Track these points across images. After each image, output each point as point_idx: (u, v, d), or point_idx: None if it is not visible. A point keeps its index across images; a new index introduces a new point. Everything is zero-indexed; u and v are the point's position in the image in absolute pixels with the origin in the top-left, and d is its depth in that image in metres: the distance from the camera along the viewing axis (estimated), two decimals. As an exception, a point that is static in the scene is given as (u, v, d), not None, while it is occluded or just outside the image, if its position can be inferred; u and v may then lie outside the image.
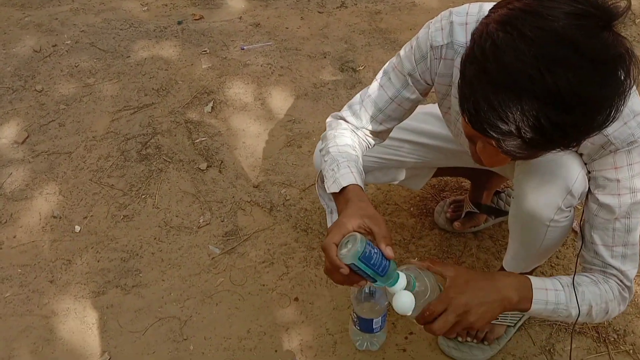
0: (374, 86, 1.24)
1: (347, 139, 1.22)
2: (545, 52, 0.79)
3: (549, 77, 0.78)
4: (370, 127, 1.25)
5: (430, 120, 1.45)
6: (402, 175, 1.55)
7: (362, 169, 1.17)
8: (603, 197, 1.10)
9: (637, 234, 1.13)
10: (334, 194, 1.12)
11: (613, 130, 1.01)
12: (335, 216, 1.23)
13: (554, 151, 0.90)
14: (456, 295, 1.04)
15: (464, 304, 1.03)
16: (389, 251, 0.99)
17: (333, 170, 1.13)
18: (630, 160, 1.05)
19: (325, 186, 1.14)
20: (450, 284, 1.06)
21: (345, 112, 1.26)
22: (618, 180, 1.07)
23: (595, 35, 0.79)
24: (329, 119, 1.30)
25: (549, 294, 1.10)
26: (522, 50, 0.79)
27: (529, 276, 1.13)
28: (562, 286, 1.11)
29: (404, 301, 0.98)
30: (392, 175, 1.54)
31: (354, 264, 0.95)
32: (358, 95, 1.26)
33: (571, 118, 0.81)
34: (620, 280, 1.15)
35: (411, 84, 1.19)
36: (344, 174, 1.11)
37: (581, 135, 0.87)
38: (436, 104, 1.31)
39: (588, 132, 0.86)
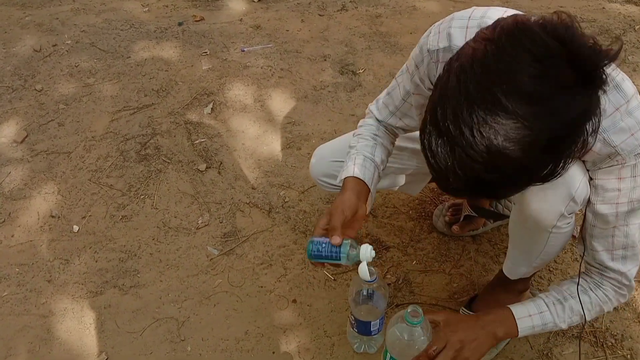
0: (393, 83, 1.29)
1: (369, 128, 1.32)
2: (480, 116, 0.79)
3: (480, 139, 0.79)
4: (390, 122, 1.32)
5: None
6: (401, 181, 1.55)
7: (372, 154, 1.26)
8: (600, 207, 1.11)
9: (636, 236, 1.14)
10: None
11: (620, 141, 1.01)
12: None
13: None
14: (452, 333, 1.19)
15: (459, 340, 1.18)
16: (332, 240, 1.12)
17: (345, 162, 1.27)
18: (636, 173, 1.05)
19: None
20: (444, 325, 1.22)
21: (372, 106, 1.35)
22: (619, 190, 1.07)
23: (542, 102, 0.78)
24: (367, 111, 1.39)
25: (534, 319, 1.20)
26: (462, 108, 0.80)
27: (511, 306, 1.22)
28: (547, 306, 1.20)
29: (364, 270, 1.14)
30: (391, 180, 1.55)
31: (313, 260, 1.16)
32: (385, 89, 1.33)
33: (495, 177, 0.82)
34: (618, 282, 1.18)
35: (412, 88, 1.21)
36: (346, 168, 1.25)
37: (506, 193, 0.91)
38: None
39: (514, 191, 0.89)
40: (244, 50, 2.49)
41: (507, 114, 0.78)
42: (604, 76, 0.81)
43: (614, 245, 1.14)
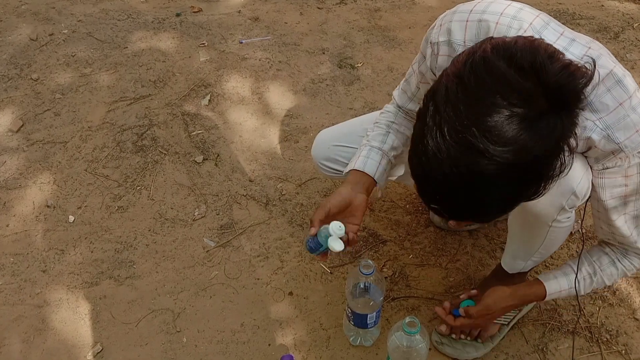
0: (410, 69, 1.30)
1: (387, 115, 1.35)
2: (453, 155, 0.83)
3: (457, 174, 0.83)
4: (410, 107, 1.33)
5: None
6: (400, 171, 1.55)
7: (383, 142, 1.30)
8: (609, 202, 1.13)
9: None
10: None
11: (625, 137, 1.02)
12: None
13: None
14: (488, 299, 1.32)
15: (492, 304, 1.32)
16: (309, 232, 1.19)
17: (358, 150, 1.31)
18: None
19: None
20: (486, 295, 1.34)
21: (395, 91, 1.36)
22: (626, 185, 1.09)
23: (513, 139, 0.81)
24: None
25: (562, 293, 1.28)
26: (438, 147, 0.84)
27: (545, 282, 1.27)
28: (578, 282, 1.25)
29: (332, 242, 1.17)
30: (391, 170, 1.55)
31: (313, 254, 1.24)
32: (407, 73, 1.34)
33: (474, 205, 0.88)
34: None
35: (422, 75, 1.23)
36: (351, 160, 1.29)
37: (488, 218, 0.98)
38: None
39: (496, 215, 0.94)
40: (242, 42, 2.48)
41: (486, 156, 0.81)
42: (580, 100, 0.85)
43: (629, 229, 1.17)
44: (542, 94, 0.81)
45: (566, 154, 0.87)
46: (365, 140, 1.30)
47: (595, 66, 0.88)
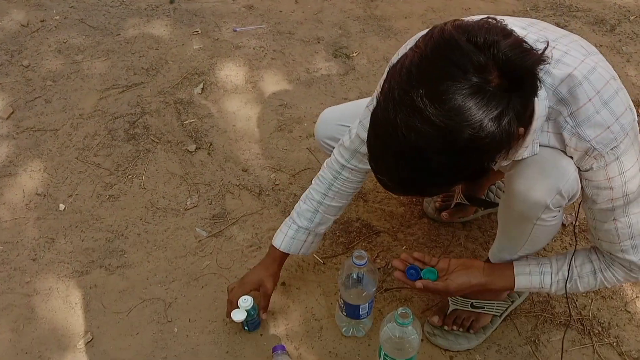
0: (365, 112, 1.28)
1: (322, 180, 1.39)
2: (402, 118, 0.85)
3: (403, 140, 0.86)
4: (353, 163, 1.34)
5: None
6: None
7: (308, 223, 1.39)
8: (596, 205, 1.11)
9: None
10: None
11: (595, 135, 1.01)
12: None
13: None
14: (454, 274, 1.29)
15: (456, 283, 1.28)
16: (263, 317, 1.47)
17: (284, 224, 1.43)
18: (622, 169, 1.05)
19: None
20: (453, 262, 1.31)
21: (335, 150, 1.37)
22: (611, 188, 1.07)
23: (457, 107, 0.82)
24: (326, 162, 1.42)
25: (533, 288, 1.28)
26: (388, 110, 0.87)
27: (517, 274, 1.26)
28: (550, 285, 1.25)
29: (234, 315, 1.41)
30: None
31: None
32: (348, 131, 1.34)
33: (418, 175, 0.90)
34: (629, 268, 1.19)
35: None
36: (279, 233, 1.42)
37: (434, 191, 1.00)
38: None
39: (442, 189, 0.98)
40: (236, 31, 2.45)
41: (423, 117, 0.83)
42: (534, 79, 0.87)
43: (619, 238, 1.15)
44: (495, 68, 0.84)
45: (511, 137, 0.88)
46: (295, 215, 1.40)
47: (547, 47, 0.90)
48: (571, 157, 1.07)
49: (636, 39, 2.45)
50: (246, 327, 1.46)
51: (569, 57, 1.02)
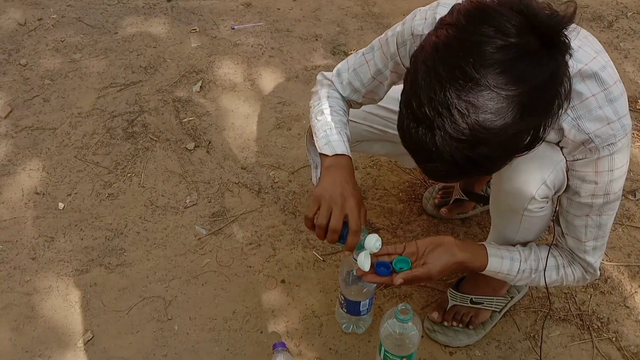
0: (360, 60, 1.26)
1: (339, 102, 1.27)
2: (454, 94, 0.80)
3: (458, 116, 0.81)
4: (353, 98, 1.30)
5: None
6: (397, 149, 1.54)
7: (349, 135, 1.24)
8: (577, 197, 1.11)
9: (608, 227, 1.17)
10: (321, 154, 1.18)
11: (595, 128, 1.01)
12: (319, 172, 1.29)
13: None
14: (429, 252, 1.19)
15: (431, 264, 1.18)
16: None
17: (326, 132, 1.19)
18: (612, 166, 1.05)
19: (317, 145, 1.18)
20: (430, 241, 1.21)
21: (334, 78, 1.30)
22: (596, 183, 1.08)
23: (510, 69, 0.80)
24: (319, 77, 1.34)
25: (498, 275, 1.24)
26: (435, 91, 0.81)
27: (490, 256, 1.22)
28: (518, 272, 1.22)
29: (361, 260, 1.14)
30: (386, 148, 1.53)
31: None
32: (345, 62, 1.29)
33: (478, 150, 0.84)
34: (585, 269, 1.23)
35: (390, 66, 1.21)
36: (336, 141, 1.17)
37: (493, 166, 0.91)
38: None
39: (501, 162, 0.90)
40: (234, 28, 2.45)
41: (480, 86, 0.80)
42: (565, 40, 0.84)
43: (586, 236, 1.16)
44: (531, 31, 0.82)
45: (562, 94, 0.86)
46: (335, 123, 1.21)
47: (575, 9, 0.87)
48: (563, 147, 1.08)
49: (634, 35, 2.45)
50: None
51: (582, 52, 1.02)
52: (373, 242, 1.12)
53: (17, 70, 2.23)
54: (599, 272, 1.25)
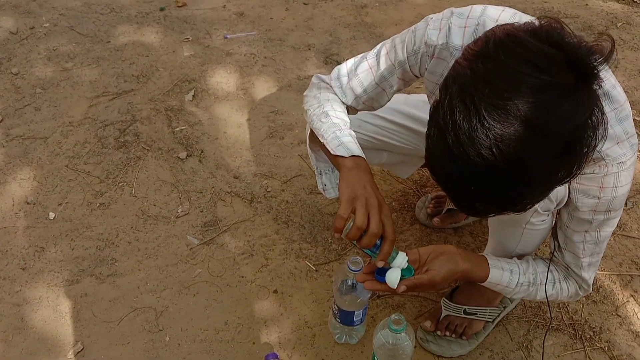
0: (363, 66, 1.22)
1: (341, 105, 1.23)
2: (497, 133, 0.78)
3: (499, 155, 0.79)
4: (351, 104, 1.26)
5: (427, 109, 1.45)
6: (392, 158, 1.54)
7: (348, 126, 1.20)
8: (578, 212, 1.11)
9: (605, 243, 1.17)
10: (336, 156, 1.12)
11: (606, 147, 1.02)
12: (324, 178, 1.27)
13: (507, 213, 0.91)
14: (432, 259, 1.18)
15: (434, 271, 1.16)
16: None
17: (336, 134, 1.13)
18: (617, 184, 1.06)
19: (329, 146, 1.13)
20: (432, 249, 1.20)
21: (333, 82, 1.25)
22: (599, 198, 1.08)
23: (553, 109, 0.78)
24: (315, 79, 1.29)
25: (497, 287, 1.25)
26: (475, 128, 0.79)
27: (492, 269, 1.22)
28: (517, 285, 1.23)
29: (394, 278, 1.10)
30: (381, 157, 1.53)
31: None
32: (344, 66, 1.24)
33: (518, 189, 0.83)
34: (579, 284, 1.24)
35: (398, 73, 1.18)
36: (350, 142, 1.13)
37: (530, 203, 0.89)
38: None
39: (537, 199, 0.88)
40: (227, 37, 2.45)
41: (522, 126, 0.78)
42: (597, 72, 0.82)
43: (584, 252, 1.17)
44: (569, 66, 0.79)
45: (598, 131, 0.84)
46: (343, 126, 1.17)
47: (614, 44, 0.84)
48: None
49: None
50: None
51: None
52: (402, 259, 1.09)
53: (9, 78, 2.22)
54: (591, 289, 1.25)
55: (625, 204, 1.81)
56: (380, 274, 1.12)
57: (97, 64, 2.29)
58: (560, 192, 1.10)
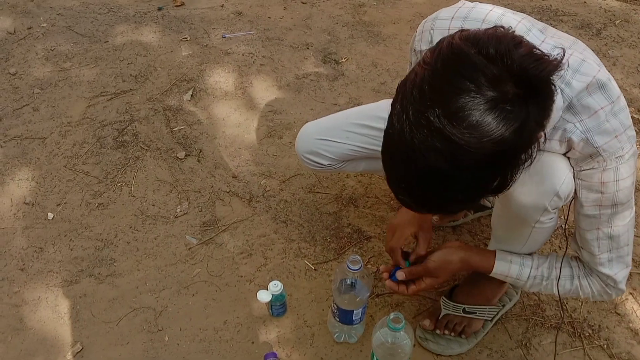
0: None
1: None
2: (419, 138, 0.82)
3: (422, 161, 0.83)
4: None
5: None
6: (361, 165, 1.55)
7: None
8: (584, 209, 1.12)
9: (624, 237, 1.15)
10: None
11: (603, 142, 1.02)
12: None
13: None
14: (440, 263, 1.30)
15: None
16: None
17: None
18: (617, 177, 1.06)
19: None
20: (440, 250, 1.31)
21: None
22: (602, 193, 1.08)
23: (472, 120, 0.79)
24: None
25: (507, 279, 1.29)
26: (404, 131, 0.83)
27: (497, 266, 1.25)
28: (528, 278, 1.25)
29: (264, 297, 1.38)
30: (370, 164, 1.53)
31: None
32: None
33: (443, 194, 0.87)
34: (605, 282, 1.21)
35: None
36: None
37: (460, 206, 0.96)
38: None
39: (467, 204, 0.95)
40: (225, 37, 2.45)
41: (443, 137, 0.80)
42: (551, 85, 0.83)
43: (599, 249, 1.16)
44: (509, 79, 0.80)
45: (532, 145, 0.86)
46: None
47: (564, 55, 0.87)
48: (570, 158, 1.09)
49: (622, 43, 2.48)
50: (270, 311, 1.50)
51: (587, 65, 1.03)
52: (277, 289, 1.35)
53: (7, 79, 2.22)
54: (623, 286, 1.21)
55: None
56: (394, 276, 1.31)
57: (95, 64, 2.29)
58: (568, 187, 1.10)
